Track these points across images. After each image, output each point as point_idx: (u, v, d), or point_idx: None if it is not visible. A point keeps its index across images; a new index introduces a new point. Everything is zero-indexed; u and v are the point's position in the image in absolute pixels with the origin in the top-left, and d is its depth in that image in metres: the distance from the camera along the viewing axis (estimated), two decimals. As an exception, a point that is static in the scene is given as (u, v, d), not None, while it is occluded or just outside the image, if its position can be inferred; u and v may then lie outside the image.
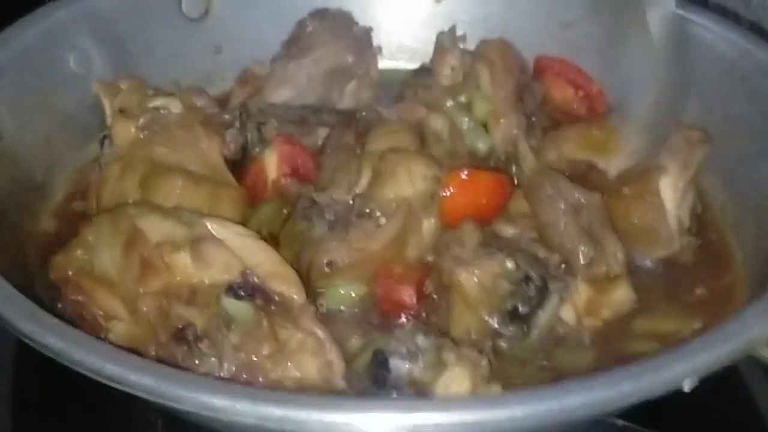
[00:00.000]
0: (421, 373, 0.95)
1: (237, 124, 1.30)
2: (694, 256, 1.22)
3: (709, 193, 1.30)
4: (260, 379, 0.95)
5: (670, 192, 1.18)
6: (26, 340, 0.89)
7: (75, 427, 1.12)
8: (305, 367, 0.96)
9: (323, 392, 0.96)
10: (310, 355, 0.97)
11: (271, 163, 1.25)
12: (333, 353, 0.98)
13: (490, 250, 1.07)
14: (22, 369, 1.15)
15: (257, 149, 1.28)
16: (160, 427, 1.11)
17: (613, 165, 1.24)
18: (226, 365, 0.95)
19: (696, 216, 1.25)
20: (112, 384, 0.84)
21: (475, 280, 1.04)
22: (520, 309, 1.04)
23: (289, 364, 0.96)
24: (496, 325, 1.04)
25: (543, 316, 1.05)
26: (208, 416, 0.85)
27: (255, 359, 0.95)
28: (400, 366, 0.95)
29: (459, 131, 1.32)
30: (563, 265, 1.09)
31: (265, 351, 0.95)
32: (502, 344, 1.05)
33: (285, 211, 1.17)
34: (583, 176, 1.23)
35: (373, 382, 0.96)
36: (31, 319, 0.90)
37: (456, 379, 0.94)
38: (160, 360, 0.96)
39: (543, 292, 1.05)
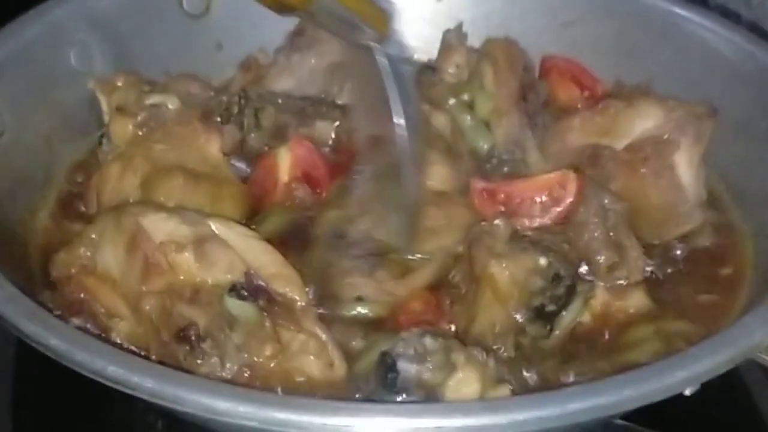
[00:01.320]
0: (429, 374, 0.94)
1: (235, 109, 1.30)
2: (713, 238, 1.22)
3: (711, 194, 1.30)
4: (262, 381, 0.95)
5: (686, 167, 1.19)
6: (28, 341, 0.89)
7: (75, 427, 1.12)
8: (308, 368, 0.97)
9: (325, 394, 0.96)
10: (312, 356, 0.97)
11: (284, 164, 1.23)
12: (335, 355, 0.98)
13: (522, 245, 1.06)
14: (22, 369, 1.15)
15: (252, 135, 1.29)
16: (160, 428, 1.11)
17: (618, 145, 1.24)
18: (228, 365, 0.95)
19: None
20: (114, 386, 0.84)
21: (508, 273, 1.03)
22: (547, 307, 1.03)
23: (290, 366, 0.96)
24: (521, 321, 1.03)
25: (567, 317, 1.05)
26: (210, 419, 0.85)
27: (257, 360, 0.95)
28: (408, 368, 0.95)
29: (460, 129, 1.32)
30: (586, 267, 1.09)
31: (268, 351, 0.95)
32: (523, 341, 1.04)
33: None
34: (592, 160, 1.23)
35: (382, 384, 0.95)
36: (32, 319, 0.90)
37: (466, 380, 0.93)
38: (161, 359, 0.97)
39: (570, 293, 1.04)
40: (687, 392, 0.89)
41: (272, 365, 0.95)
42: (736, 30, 1.36)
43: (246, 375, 0.95)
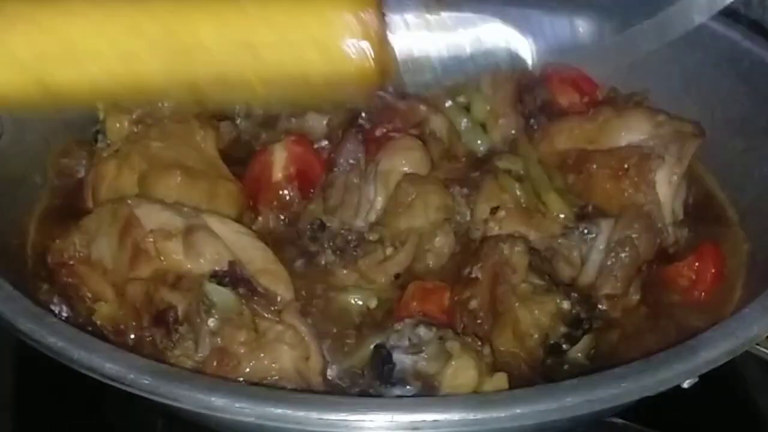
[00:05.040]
0: (425, 364, 0.94)
1: None
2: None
3: (708, 192, 1.30)
4: (232, 366, 0.95)
5: (665, 185, 1.19)
6: (26, 340, 0.89)
7: (75, 427, 1.12)
8: (281, 358, 0.96)
9: (298, 385, 0.96)
10: (287, 346, 0.96)
11: (279, 161, 1.24)
12: (313, 349, 0.99)
13: (545, 285, 1.07)
14: (22, 369, 1.15)
15: (239, 122, 1.30)
16: (159, 427, 1.11)
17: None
18: (200, 349, 0.95)
19: (695, 212, 1.25)
20: (112, 383, 0.85)
21: (532, 317, 1.04)
22: (564, 346, 1.05)
23: (262, 354, 0.96)
24: (537, 356, 1.05)
25: (578, 349, 1.06)
26: (207, 415, 0.85)
27: (229, 345, 0.95)
28: (404, 359, 0.95)
29: (457, 131, 1.32)
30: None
31: (242, 338, 0.95)
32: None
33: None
34: (576, 166, 1.23)
35: (378, 377, 0.95)
36: (30, 318, 0.90)
37: (462, 368, 0.93)
38: (137, 343, 0.99)
39: (586, 333, 1.06)
40: (685, 385, 0.89)
41: (242, 350, 0.95)
42: (733, 27, 1.36)
43: (215, 363, 0.95)
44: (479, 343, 0.97)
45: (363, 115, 1.30)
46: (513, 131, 1.33)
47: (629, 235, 1.13)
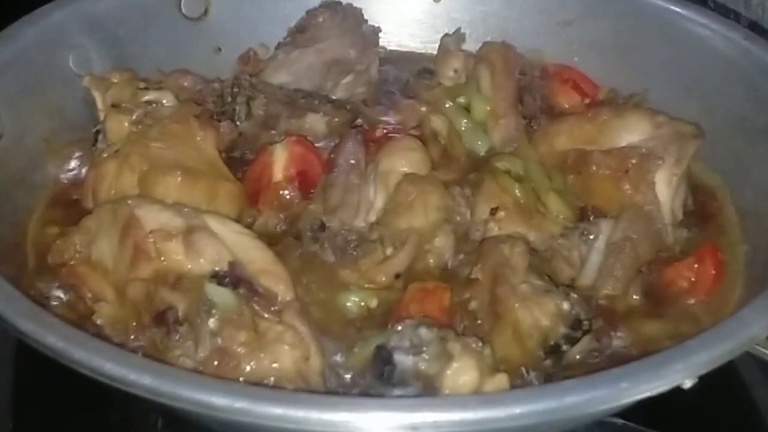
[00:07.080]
0: (426, 365, 0.94)
1: (228, 97, 1.31)
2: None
3: (708, 192, 1.30)
4: (232, 366, 0.95)
5: (665, 185, 1.19)
6: (26, 340, 0.89)
7: (75, 427, 1.12)
8: (281, 358, 0.96)
9: (298, 385, 0.96)
10: (287, 346, 0.97)
11: (280, 162, 1.24)
12: (313, 349, 0.99)
13: (545, 285, 1.07)
14: (22, 369, 1.15)
15: (239, 123, 1.30)
16: (160, 427, 1.11)
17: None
18: (201, 349, 0.95)
19: (695, 213, 1.26)
20: (112, 383, 0.84)
21: (532, 318, 1.04)
22: (563, 347, 1.04)
23: (263, 354, 0.96)
24: (537, 356, 1.04)
25: (577, 350, 1.05)
26: (207, 415, 0.85)
27: (229, 345, 0.95)
28: (404, 360, 0.94)
29: (457, 132, 1.32)
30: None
31: (242, 338, 0.96)
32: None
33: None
34: (576, 166, 1.24)
35: (379, 378, 0.95)
36: (31, 318, 0.90)
37: (463, 369, 0.93)
38: (137, 343, 0.99)
39: (586, 333, 1.05)
40: (686, 385, 0.88)
41: (242, 351, 0.95)
42: (733, 27, 1.36)
43: (215, 363, 0.95)
44: (480, 344, 0.97)
45: (363, 115, 1.31)
46: (513, 132, 1.33)
47: (629, 235, 1.13)
